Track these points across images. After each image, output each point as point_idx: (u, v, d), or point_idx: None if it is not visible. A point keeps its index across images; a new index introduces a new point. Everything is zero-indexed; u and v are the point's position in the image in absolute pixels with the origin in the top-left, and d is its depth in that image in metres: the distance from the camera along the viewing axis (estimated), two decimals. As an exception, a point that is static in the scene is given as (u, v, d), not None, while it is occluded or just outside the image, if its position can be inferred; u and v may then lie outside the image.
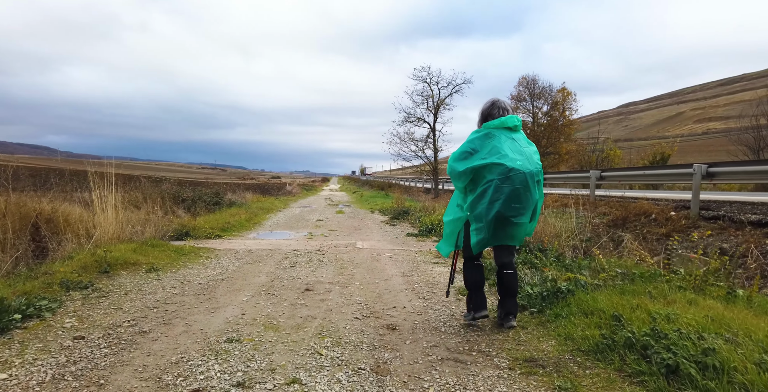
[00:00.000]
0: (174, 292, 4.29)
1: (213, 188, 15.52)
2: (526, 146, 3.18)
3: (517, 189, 2.95)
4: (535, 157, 3.17)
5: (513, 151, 3.05)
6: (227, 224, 9.60)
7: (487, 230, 3.00)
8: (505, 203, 2.94)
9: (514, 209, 2.96)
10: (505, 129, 3.15)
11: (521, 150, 3.10)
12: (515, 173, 2.95)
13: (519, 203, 2.96)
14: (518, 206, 2.97)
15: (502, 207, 2.94)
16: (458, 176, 3.15)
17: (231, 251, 6.75)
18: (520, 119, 3.25)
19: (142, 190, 11.81)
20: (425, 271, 5.51)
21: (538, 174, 3.13)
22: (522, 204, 2.98)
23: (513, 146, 3.08)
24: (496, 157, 2.99)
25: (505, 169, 2.95)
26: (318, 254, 6.63)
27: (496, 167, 2.97)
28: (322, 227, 10.61)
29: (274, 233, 9.40)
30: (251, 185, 40.54)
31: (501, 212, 2.94)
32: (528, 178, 2.99)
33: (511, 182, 2.95)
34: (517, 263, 5.16)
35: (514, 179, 2.95)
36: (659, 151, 27.86)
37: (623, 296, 3.21)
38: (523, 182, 2.97)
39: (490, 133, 3.13)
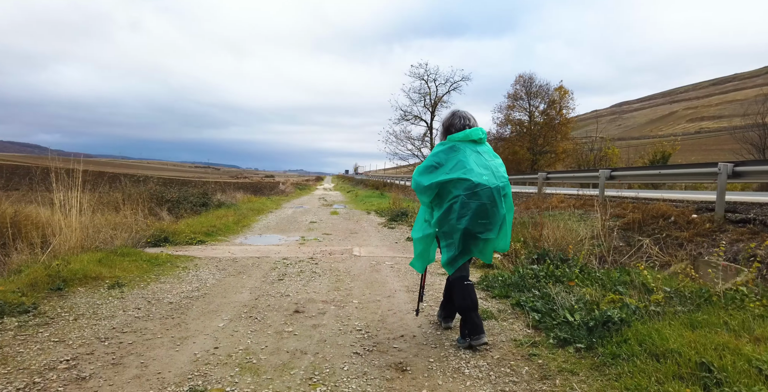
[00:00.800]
0: (137, 315, 3.57)
1: (201, 188, 14.75)
2: (492, 159, 3.11)
3: (484, 205, 2.88)
4: (501, 170, 3.10)
5: (479, 165, 2.97)
6: (212, 227, 8.87)
7: (456, 247, 2.92)
8: (472, 219, 2.86)
9: (481, 225, 2.89)
10: (470, 142, 3.08)
11: (487, 164, 3.02)
12: (481, 189, 2.88)
13: (486, 219, 2.90)
14: (485, 222, 2.90)
15: (469, 224, 2.86)
16: (423, 191, 3.05)
17: (213, 260, 6.03)
18: (485, 131, 3.15)
19: (123, 190, 11.06)
20: (433, 284, 4.82)
21: (505, 188, 3.05)
22: (489, 220, 2.91)
23: (479, 160, 3.00)
24: (462, 171, 2.91)
25: (471, 184, 2.88)
26: (310, 264, 5.92)
27: (461, 183, 2.90)
28: (316, 231, 9.90)
29: (263, 238, 8.68)
30: (243, 185, 39.75)
31: (468, 228, 2.87)
32: (495, 193, 2.92)
33: (478, 198, 2.88)
34: (540, 277, 4.50)
35: (481, 195, 2.88)
36: (660, 150, 27.38)
37: (695, 329, 2.54)
38: (489, 198, 2.89)
39: (454, 146, 3.05)
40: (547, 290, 3.94)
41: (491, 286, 4.47)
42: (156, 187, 12.10)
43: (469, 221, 2.87)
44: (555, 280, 4.40)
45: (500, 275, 4.68)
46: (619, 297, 3.29)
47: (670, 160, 25.89)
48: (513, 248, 5.95)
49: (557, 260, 5.08)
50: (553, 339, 2.91)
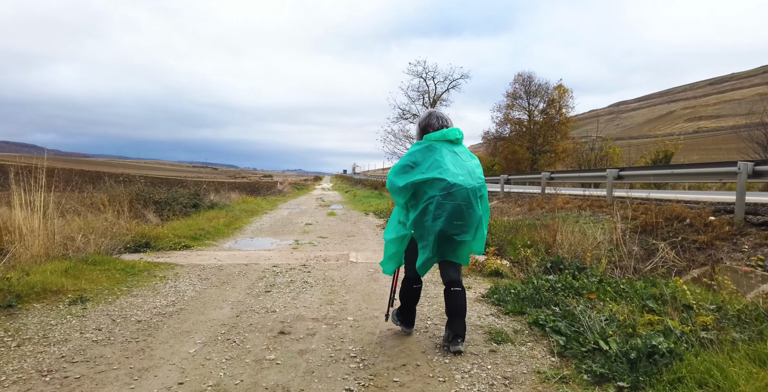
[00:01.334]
0: (95, 338, 3.07)
1: (192, 188, 14.22)
2: (468, 160, 3.05)
3: (460, 206, 2.82)
4: (477, 171, 3.04)
5: (455, 165, 2.92)
6: (201, 230, 8.36)
7: (431, 248, 2.86)
8: (447, 220, 2.80)
9: (456, 227, 2.83)
10: (446, 142, 3.03)
11: (463, 165, 2.97)
12: (457, 189, 2.82)
13: (461, 220, 2.84)
14: (461, 224, 2.83)
15: (444, 225, 2.81)
16: (398, 192, 2.98)
17: (196, 267, 5.53)
18: (462, 132, 3.10)
19: (108, 191, 10.55)
20: (438, 296, 4.33)
21: (481, 189, 2.99)
22: (465, 221, 2.84)
23: (455, 160, 2.96)
24: (437, 172, 2.85)
25: (447, 185, 2.81)
26: (302, 272, 5.42)
27: (437, 183, 2.83)
28: (311, 233, 9.40)
29: (254, 242, 8.17)
30: (240, 185, 39.21)
31: (443, 229, 2.81)
32: (470, 194, 2.85)
33: (454, 199, 2.81)
34: (557, 289, 4.01)
35: (457, 196, 2.82)
36: (662, 149, 26.96)
37: (764, 365, 2.06)
38: (465, 199, 2.83)
39: (431, 145, 3.00)
40: (568, 306, 3.45)
41: (503, 300, 3.97)
42: (144, 187, 11.59)
43: (444, 222, 2.80)
44: (574, 293, 3.92)
45: (512, 287, 4.19)
46: (658, 318, 2.80)
47: (672, 159, 25.49)
48: (523, 255, 5.47)
49: (573, 269, 4.59)
50: (586, 372, 2.41)
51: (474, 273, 5.34)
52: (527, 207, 12.93)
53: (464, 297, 3.04)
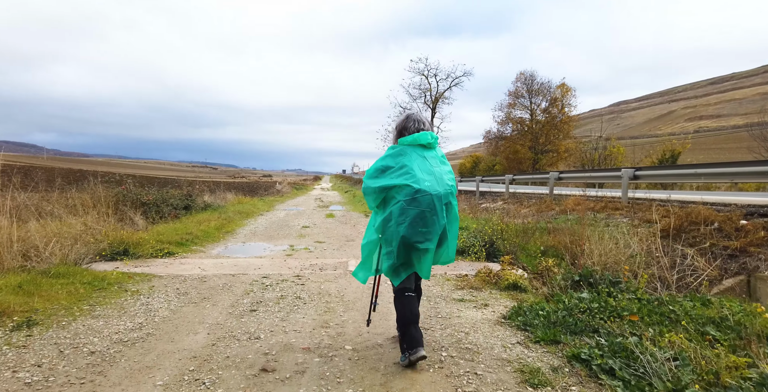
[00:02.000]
0: (29, 380, 2.45)
1: (185, 189, 13.60)
2: (438, 165, 2.94)
3: (423, 212, 2.73)
4: (446, 177, 2.92)
5: (422, 170, 2.84)
6: (188, 234, 7.75)
7: (396, 255, 2.77)
8: (410, 227, 2.72)
9: (420, 234, 2.73)
10: (418, 146, 2.95)
11: (431, 170, 2.88)
12: (422, 195, 2.74)
13: (425, 228, 2.74)
14: (424, 231, 2.73)
15: (407, 231, 2.72)
16: (369, 195, 2.95)
17: (176, 279, 4.91)
18: (435, 136, 3.01)
19: (91, 192, 9.94)
20: (451, 317, 3.72)
21: (448, 196, 2.85)
22: (428, 229, 2.75)
23: (423, 165, 2.87)
24: (404, 177, 2.79)
25: (411, 190, 2.75)
26: (295, 285, 4.81)
27: (403, 188, 2.77)
28: (308, 237, 8.79)
29: (245, 247, 7.56)
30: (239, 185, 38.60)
31: (406, 236, 2.73)
32: (435, 200, 2.76)
33: (418, 205, 2.73)
34: (594, 310, 3.40)
35: (421, 202, 2.74)
36: (669, 148, 26.38)
37: None
38: (429, 205, 2.75)
39: (402, 149, 2.93)
40: (612, 334, 2.84)
41: (530, 324, 3.34)
42: (133, 188, 10.98)
43: (407, 228, 2.72)
44: (613, 314, 3.31)
45: (538, 307, 3.57)
46: (746, 360, 2.19)
47: (678, 159, 24.93)
48: (545, 266, 4.86)
49: (606, 284, 3.98)
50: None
51: (488, 286, 4.73)
52: (535, 209, 12.33)
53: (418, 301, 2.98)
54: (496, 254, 6.59)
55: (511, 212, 13.05)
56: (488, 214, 13.50)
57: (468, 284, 4.77)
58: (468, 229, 7.84)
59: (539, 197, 13.84)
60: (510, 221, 7.15)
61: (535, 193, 14.83)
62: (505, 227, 6.77)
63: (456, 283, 4.93)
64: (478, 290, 4.60)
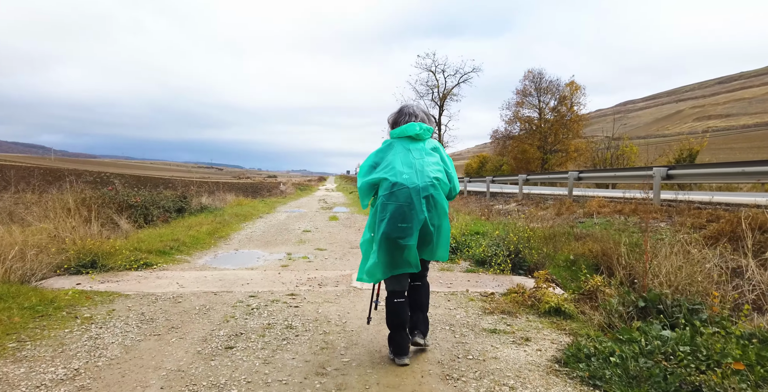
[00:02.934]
0: None
1: (180, 190, 12.79)
2: (420, 157, 2.75)
3: (401, 206, 2.62)
4: (428, 169, 2.72)
5: (403, 163, 2.71)
6: (174, 241, 6.93)
7: (378, 253, 2.66)
8: (390, 222, 2.62)
9: (399, 230, 2.61)
10: (405, 138, 2.82)
11: (412, 162, 2.72)
12: (398, 189, 2.63)
13: (404, 223, 2.61)
14: (404, 226, 2.61)
15: (387, 227, 2.62)
16: (360, 192, 2.84)
17: (146, 299, 4.08)
18: (425, 127, 2.83)
19: (73, 194, 9.16)
20: (485, 358, 2.85)
21: (428, 189, 2.66)
22: (408, 224, 2.61)
23: (405, 158, 2.73)
24: (384, 171, 2.71)
25: (389, 184, 2.65)
26: (288, 307, 3.96)
27: (383, 182, 2.69)
28: (308, 244, 7.95)
29: (237, 256, 6.72)
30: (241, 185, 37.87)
31: (386, 232, 2.62)
32: (413, 193, 2.62)
33: (396, 199, 2.63)
34: (683, 355, 2.53)
35: (398, 195, 2.63)
36: (686, 147, 25.43)
37: None
38: (407, 199, 2.61)
39: (391, 143, 2.83)
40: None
41: (600, 377, 2.44)
42: (122, 189, 10.18)
43: (387, 224, 2.62)
44: (707, 361, 2.44)
45: (603, 348, 2.69)
46: None
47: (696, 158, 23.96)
48: (593, 285, 3.98)
49: (682, 312, 3.10)
50: None
51: (523, 309, 3.86)
52: (554, 211, 11.44)
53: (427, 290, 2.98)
54: (522, 265, 5.73)
55: (529, 215, 12.17)
56: (503, 217, 12.63)
57: (498, 307, 3.90)
58: (488, 235, 6.98)
59: (556, 198, 12.95)
60: (536, 227, 6.28)
61: (551, 194, 13.94)
62: (531, 234, 5.89)
63: (483, 305, 4.06)
64: (512, 315, 3.73)
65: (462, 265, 6.09)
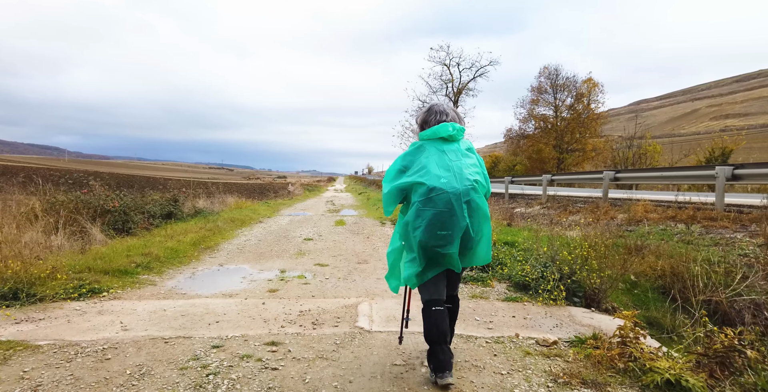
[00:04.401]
0: None
1: (172, 192, 11.60)
2: (457, 160, 2.54)
3: (441, 213, 2.39)
4: (467, 172, 2.50)
5: (439, 166, 2.50)
6: (145, 256, 5.72)
7: (419, 262, 2.46)
8: (427, 230, 2.39)
9: (438, 238, 2.40)
10: (438, 140, 2.61)
11: (449, 165, 2.50)
12: (437, 194, 2.41)
13: (444, 230, 2.39)
14: (444, 234, 2.40)
15: (424, 235, 2.40)
16: (385, 199, 2.61)
17: (62, 352, 2.85)
18: (458, 127, 2.62)
19: (41, 197, 8.02)
20: None
21: (469, 193, 2.44)
22: (449, 231, 2.40)
23: (440, 160, 2.53)
24: (418, 175, 2.49)
25: (425, 189, 2.43)
26: (263, 370, 2.69)
27: (418, 187, 2.47)
28: (307, 256, 6.70)
29: (218, 275, 5.48)
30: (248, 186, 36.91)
31: (423, 241, 2.41)
32: (453, 199, 2.40)
33: (434, 205, 2.41)
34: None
35: (437, 201, 2.40)
36: (719, 145, 23.87)
37: None
38: (446, 204, 2.39)
39: (422, 146, 2.62)
40: None
41: None
42: (102, 192, 9.02)
43: (424, 232, 2.40)
44: None
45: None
46: None
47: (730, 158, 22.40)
48: (723, 343, 2.66)
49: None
50: None
51: (613, 375, 2.56)
52: (589, 217, 10.07)
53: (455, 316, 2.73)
54: (577, 291, 4.43)
55: (556, 220, 10.82)
56: (526, 221, 11.29)
57: (573, 372, 2.61)
58: (527, 250, 5.68)
59: (587, 200, 11.59)
60: (597, 242, 4.95)
61: (581, 196, 12.57)
62: (591, 252, 4.57)
63: (547, 364, 2.77)
64: (598, 387, 2.44)
65: (498, 289, 4.80)
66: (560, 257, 4.57)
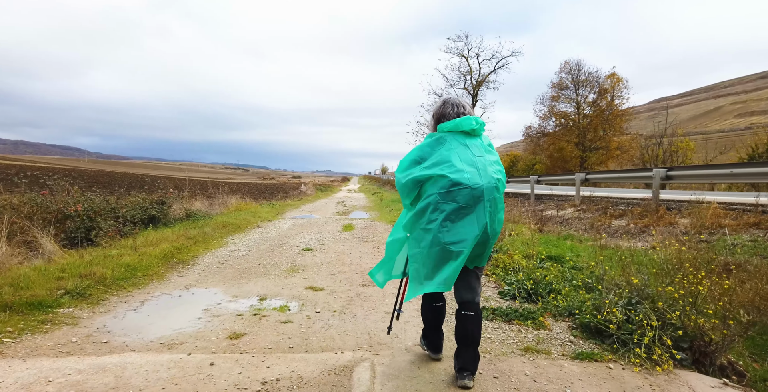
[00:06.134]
0: None
1: (159, 192, 10.30)
2: (481, 155, 2.44)
3: (461, 208, 2.29)
4: (491, 169, 2.41)
5: (462, 160, 2.37)
6: (85, 278, 4.38)
7: (425, 259, 2.34)
8: (442, 225, 2.28)
9: (453, 234, 2.28)
10: (460, 133, 2.48)
11: (473, 160, 2.39)
12: (459, 189, 2.28)
13: (462, 228, 2.28)
14: (461, 231, 2.28)
15: (439, 230, 2.28)
16: (401, 190, 2.52)
17: None
18: (480, 121, 2.51)
19: None
20: None
21: (492, 191, 2.35)
22: (466, 229, 2.27)
23: (464, 155, 2.40)
24: (440, 167, 2.35)
25: (447, 182, 2.30)
26: None
27: (438, 180, 2.34)
28: (300, 275, 5.31)
29: (174, 306, 4.08)
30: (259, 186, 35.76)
31: (438, 236, 2.28)
32: (475, 195, 2.30)
33: (454, 200, 2.29)
34: None
35: (457, 196, 2.28)
36: (763, 141, 21.92)
37: None
38: (468, 201, 2.30)
39: (441, 137, 2.49)
40: None
41: None
42: (71, 194, 7.75)
43: (439, 227, 2.29)
44: None
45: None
46: None
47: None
48: None
49: None
50: None
51: None
52: (635, 221, 8.52)
53: (479, 322, 2.50)
54: (679, 341, 2.95)
55: (597, 225, 9.27)
56: (560, 225, 9.74)
57: None
58: (583, 269, 4.20)
59: (630, 202, 10.00)
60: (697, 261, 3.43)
61: (620, 197, 10.96)
62: (704, 283, 3.06)
63: None
64: None
65: (558, 333, 3.34)
66: (655, 293, 3.08)
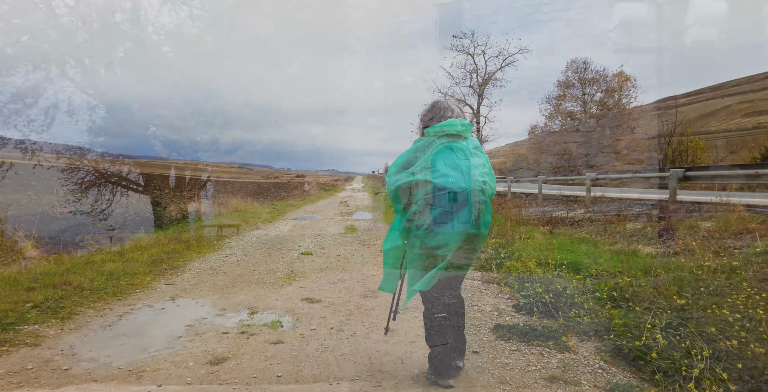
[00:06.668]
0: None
1: (153, 193, 9.92)
2: (466, 158, 2.41)
3: (446, 213, 2.31)
4: (476, 171, 2.38)
5: (447, 164, 2.38)
6: (61, 287, 3.99)
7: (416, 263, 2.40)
8: (429, 229, 2.31)
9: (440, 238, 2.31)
10: (445, 136, 2.46)
11: (456, 164, 2.38)
12: (444, 193, 2.30)
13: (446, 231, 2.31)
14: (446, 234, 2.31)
15: (425, 235, 2.32)
16: (391, 196, 2.53)
17: None
18: (467, 123, 2.50)
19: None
20: None
21: (477, 194, 2.33)
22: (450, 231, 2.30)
23: (448, 159, 2.39)
24: (424, 173, 2.38)
25: (431, 187, 2.33)
26: None
27: (423, 186, 2.36)
28: (297, 283, 4.90)
29: (154, 321, 3.68)
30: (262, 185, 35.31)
31: (425, 241, 2.33)
32: (459, 199, 2.32)
33: (439, 205, 2.31)
34: None
35: (442, 201, 2.31)
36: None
37: None
38: (453, 205, 2.31)
39: (427, 141, 2.48)
40: None
41: None
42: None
43: (425, 231, 2.33)
44: None
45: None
46: None
47: None
48: None
49: None
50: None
51: None
52: (655, 224, 8.06)
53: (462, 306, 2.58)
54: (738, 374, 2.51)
55: (612, 230, 8.81)
56: (570, 227, 9.29)
57: None
58: (604, 277, 3.77)
59: (645, 203, 9.57)
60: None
61: (634, 198, 10.51)
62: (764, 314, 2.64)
63: None
64: None
65: (585, 357, 2.91)
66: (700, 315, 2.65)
